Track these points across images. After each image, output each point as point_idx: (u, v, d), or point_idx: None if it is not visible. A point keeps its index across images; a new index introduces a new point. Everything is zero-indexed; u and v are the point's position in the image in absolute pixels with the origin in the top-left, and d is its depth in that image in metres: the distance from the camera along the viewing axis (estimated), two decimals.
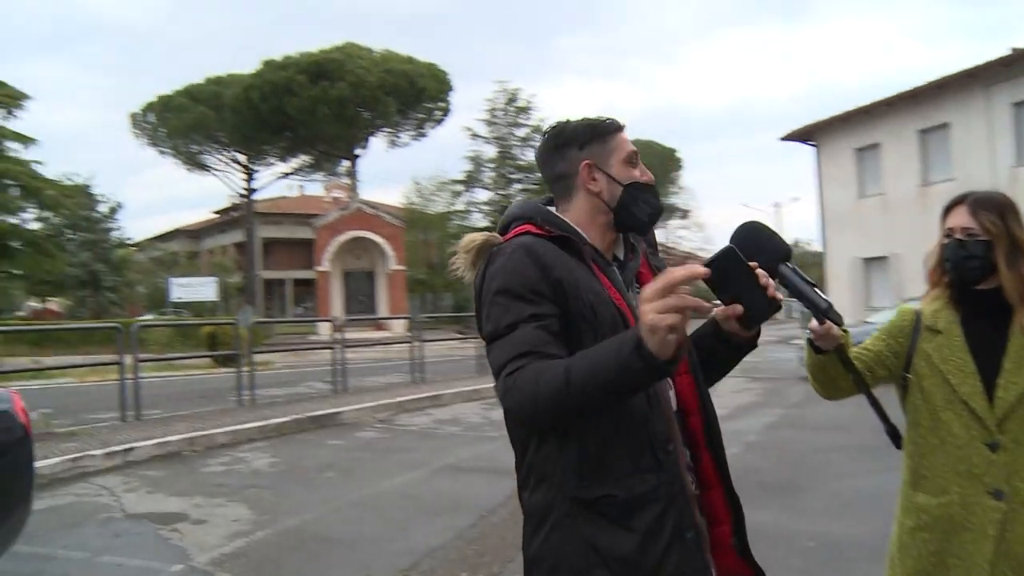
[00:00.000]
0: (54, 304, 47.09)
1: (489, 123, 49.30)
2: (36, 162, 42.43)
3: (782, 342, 25.93)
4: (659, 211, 1.92)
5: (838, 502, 6.74)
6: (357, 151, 47.08)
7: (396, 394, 14.09)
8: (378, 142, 48.93)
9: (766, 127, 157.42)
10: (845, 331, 2.10)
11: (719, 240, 44.81)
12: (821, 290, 1.89)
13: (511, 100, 48.88)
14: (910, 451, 2.33)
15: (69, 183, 41.71)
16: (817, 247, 39.25)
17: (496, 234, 1.96)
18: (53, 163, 66.74)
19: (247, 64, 45.24)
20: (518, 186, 49.22)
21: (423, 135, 49.00)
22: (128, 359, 11.22)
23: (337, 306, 39.10)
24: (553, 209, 1.95)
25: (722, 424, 1.90)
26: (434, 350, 19.88)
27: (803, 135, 30.99)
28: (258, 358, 15.11)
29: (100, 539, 6.18)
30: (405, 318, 18.65)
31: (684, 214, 66.34)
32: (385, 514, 6.73)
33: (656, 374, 1.50)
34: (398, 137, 48.47)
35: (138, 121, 48.44)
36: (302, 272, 55.22)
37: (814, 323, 2.03)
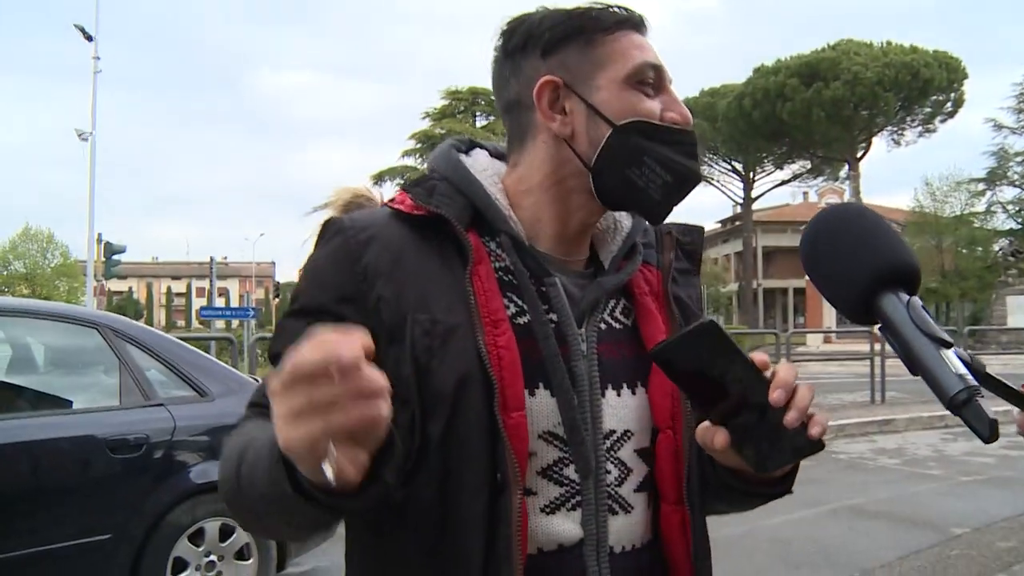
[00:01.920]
0: None
1: (1017, 111, 43.29)
2: None
3: None
4: (686, 179, 1.11)
5: None
6: (858, 153, 44.43)
7: (842, 415, 12.55)
8: (880, 142, 45.80)
9: None
10: None
11: None
12: (965, 354, 0.89)
13: None
14: None
15: None
16: None
17: (368, 191, 1.28)
18: None
19: (741, 75, 44.94)
20: None
21: (931, 131, 44.87)
22: None
23: (829, 316, 37.41)
24: (485, 160, 1.20)
25: None
26: None
27: None
28: None
29: None
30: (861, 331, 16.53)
31: None
32: (734, 559, 5.76)
33: (318, 507, 0.85)
34: (902, 135, 44.98)
35: None
36: (801, 281, 53.95)
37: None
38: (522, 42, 1.12)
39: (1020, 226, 40.92)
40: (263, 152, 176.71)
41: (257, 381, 5.12)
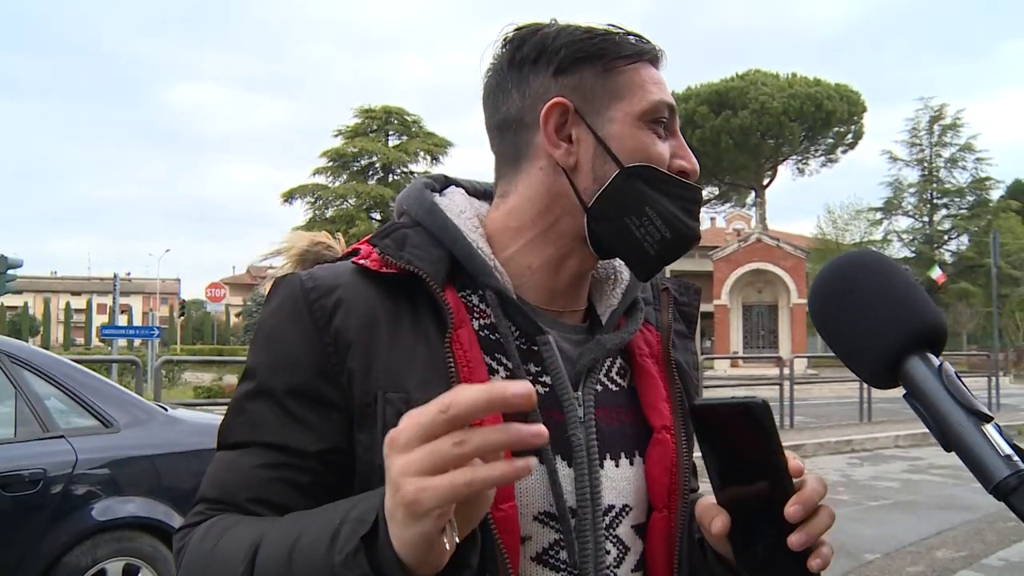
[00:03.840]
0: None
1: (910, 144, 45.32)
2: None
3: None
4: (685, 239, 1.00)
5: None
6: (764, 180, 45.64)
7: None
8: (785, 170, 47.17)
9: None
10: None
11: None
12: (1000, 429, 0.74)
13: (936, 119, 44.42)
14: None
15: None
16: None
17: (327, 237, 1.14)
18: None
19: None
20: (944, 212, 44.65)
21: (833, 161, 46.72)
22: None
23: (736, 341, 38.00)
24: (461, 200, 1.06)
25: None
26: (828, 391, 18.77)
27: None
28: None
29: None
30: (770, 356, 16.86)
31: None
32: None
33: None
34: (806, 164, 46.66)
35: None
36: (708, 306, 55.03)
37: None
38: (534, 54, 0.99)
39: (914, 254, 42.67)
40: (170, 166, 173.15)
41: (165, 409, 4.86)
